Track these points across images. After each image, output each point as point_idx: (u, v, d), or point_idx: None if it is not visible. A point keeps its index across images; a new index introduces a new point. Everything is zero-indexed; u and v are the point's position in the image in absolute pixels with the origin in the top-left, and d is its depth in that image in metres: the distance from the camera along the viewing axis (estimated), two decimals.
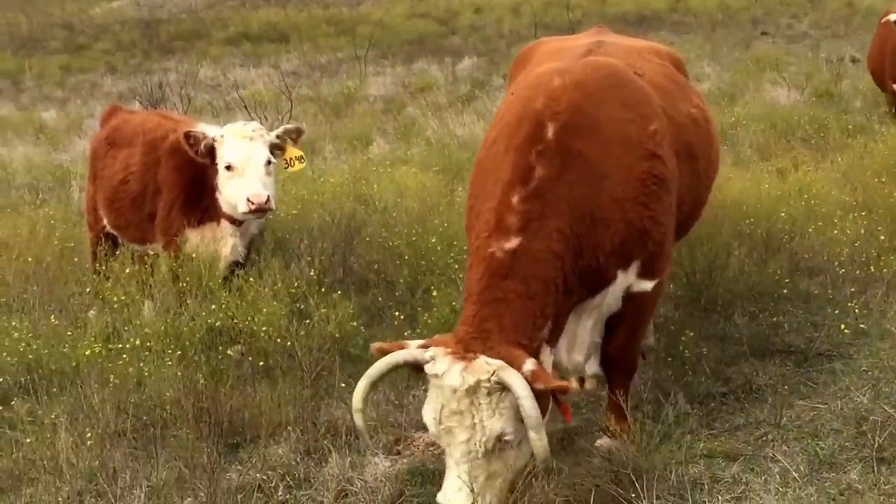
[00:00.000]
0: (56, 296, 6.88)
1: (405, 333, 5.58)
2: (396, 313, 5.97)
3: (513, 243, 4.05)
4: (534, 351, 3.96)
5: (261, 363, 5.49)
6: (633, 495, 4.06)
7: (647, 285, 4.51)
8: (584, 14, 24.06)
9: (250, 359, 5.57)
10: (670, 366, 5.48)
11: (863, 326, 5.84)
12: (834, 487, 4.27)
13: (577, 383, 5.20)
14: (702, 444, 4.65)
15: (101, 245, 6.97)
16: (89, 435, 4.81)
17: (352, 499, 4.42)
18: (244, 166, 5.96)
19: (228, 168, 6.01)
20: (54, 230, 8.06)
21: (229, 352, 5.64)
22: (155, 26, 31.03)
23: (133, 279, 6.16)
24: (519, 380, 3.73)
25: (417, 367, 3.94)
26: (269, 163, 6.04)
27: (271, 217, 6.59)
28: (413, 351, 3.94)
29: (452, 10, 29.81)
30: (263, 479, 4.62)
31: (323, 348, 5.46)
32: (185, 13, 33.87)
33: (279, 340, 5.49)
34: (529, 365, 3.80)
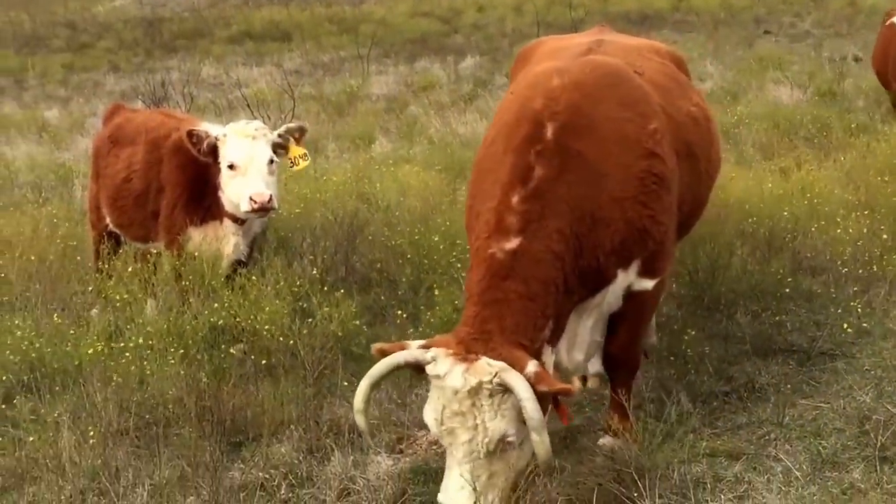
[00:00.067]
0: (59, 294, 6.88)
1: (408, 332, 5.58)
2: (399, 312, 5.96)
3: (513, 244, 4.05)
4: (535, 352, 3.96)
5: (263, 362, 5.48)
6: (636, 494, 4.06)
7: (648, 284, 4.50)
8: (586, 12, 24.07)
9: (253, 357, 5.57)
10: (673, 364, 5.48)
11: (865, 325, 5.84)
12: (836, 486, 4.27)
13: (580, 382, 5.22)
14: (704, 443, 4.65)
15: (104, 243, 6.96)
16: (92, 433, 4.82)
17: (354, 497, 4.42)
18: (247, 165, 5.96)
19: (231, 167, 6.00)
20: (57, 229, 8.05)
21: (232, 350, 5.65)
22: (158, 25, 31.07)
23: (136, 278, 6.17)
24: (521, 382, 3.72)
25: (418, 367, 3.93)
26: (271, 162, 6.03)
27: (274, 216, 6.59)
28: (414, 352, 3.94)
29: (455, 8, 29.81)
30: (266, 478, 4.62)
31: (325, 347, 5.46)
32: (188, 11, 33.88)
33: (282, 339, 5.49)
34: (532, 367, 3.80)
